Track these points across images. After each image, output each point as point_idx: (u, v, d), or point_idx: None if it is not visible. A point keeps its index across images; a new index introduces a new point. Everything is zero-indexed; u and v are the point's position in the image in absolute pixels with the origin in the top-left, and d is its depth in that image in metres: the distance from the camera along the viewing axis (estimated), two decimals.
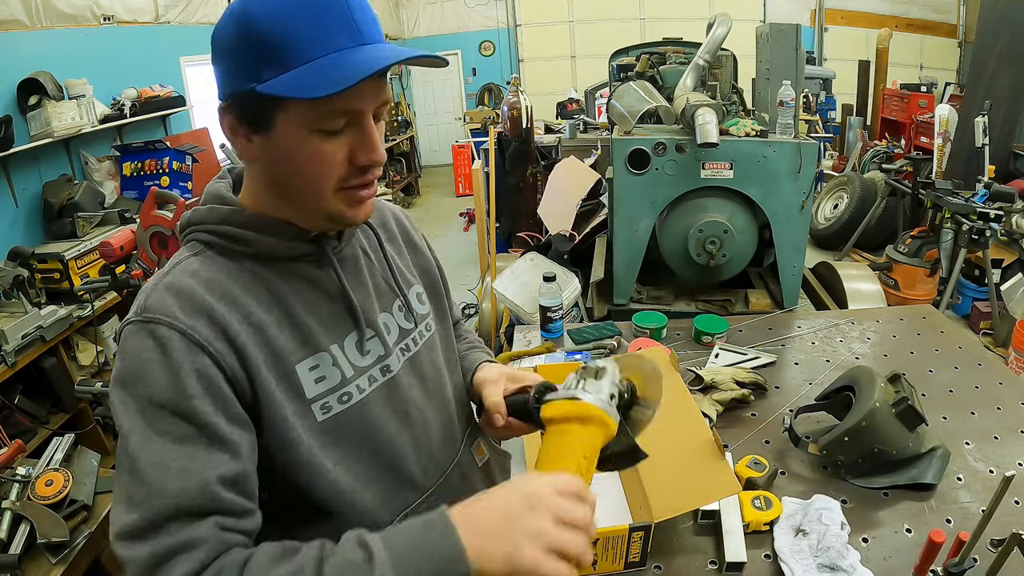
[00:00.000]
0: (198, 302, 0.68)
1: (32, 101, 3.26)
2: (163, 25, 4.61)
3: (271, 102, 0.66)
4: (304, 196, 0.72)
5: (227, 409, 0.66)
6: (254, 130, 0.69)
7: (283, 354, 0.72)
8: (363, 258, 0.85)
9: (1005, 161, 5.03)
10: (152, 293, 0.69)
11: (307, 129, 0.67)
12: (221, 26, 0.67)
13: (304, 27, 0.64)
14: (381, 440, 0.80)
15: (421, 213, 7.88)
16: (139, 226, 2.31)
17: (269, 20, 0.64)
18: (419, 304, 0.92)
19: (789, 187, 2.07)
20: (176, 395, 0.63)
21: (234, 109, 0.69)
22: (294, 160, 0.69)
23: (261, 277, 0.74)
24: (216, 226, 0.74)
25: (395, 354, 0.84)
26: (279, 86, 0.64)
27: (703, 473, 1.05)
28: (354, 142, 0.69)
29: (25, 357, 2.61)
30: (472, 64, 9.92)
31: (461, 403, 0.99)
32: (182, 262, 0.73)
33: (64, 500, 1.62)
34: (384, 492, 0.81)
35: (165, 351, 0.64)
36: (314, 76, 0.63)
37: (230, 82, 0.68)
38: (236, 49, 0.66)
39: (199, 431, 0.63)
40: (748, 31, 2.78)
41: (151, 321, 0.66)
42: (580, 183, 3.11)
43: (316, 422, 0.74)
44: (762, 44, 2.33)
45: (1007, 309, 3.70)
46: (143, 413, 0.63)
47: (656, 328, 1.79)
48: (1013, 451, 1.28)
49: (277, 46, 0.64)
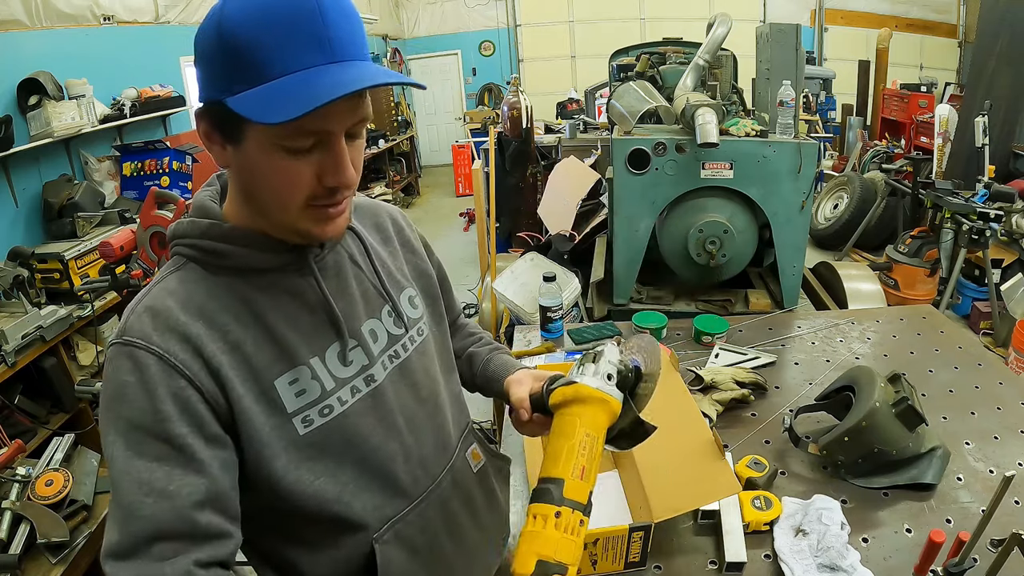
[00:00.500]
0: (174, 323, 0.68)
1: (32, 101, 3.26)
2: (163, 25, 4.61)
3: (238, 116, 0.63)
4: (272, 209, 0.71)
5: (204, 429, 0.67)
6: (226, 140, 0.68)
7: (261, 370, 0.72)
8: (349, 264, 0.84)
9: (1005, 161, 5.02)
10: (131, 316, 0.69)
11: (273, 145, 0.65)
12: (201, 30, 0.65)
13: (274, 41, 0.61)
14: (367, 450, 0.80)
15: (421, 213, 7.88)
16: (139, 226, 2.31)
17: (242, 31, 0.61)
18: (410, 308, 0.91)
19: (789, 187, 2.07)
20: (153, 418, 0.65)
21: (209, 116, 0.68)
22: (262, 174, 0.68)
23: (240, 292, 0.73)
24: (197, 240, 0.74)
25: (380, 363, 0.83)
26: (243, 103, 0.62)
27: (703, 473, 1.05)
28: (323, 163, 0.67)
29: (25, 357, 2.61)
30: (472, 64, 9.93)
31: (457, 407, 0.98)
32: (163, 280, 0.73)
33: (64, 500, 1.62)
34: (373, 500, 0.81)
35: (142, 375, 0.65)
36: (276, 97, 0.61)
37: (206, 88, 0.66)
38: (212, 56, 0.64)
39: (177, 452, 0.65)
40: (748, 31, 2.78)
41: (129, 344, 0.67)
42: (580, 183, 3.11)
43: (298, 435, 0.74)
44: (762, 44, 2.33)
45: (1007, 309, 3.70)
46: (124, 435, 0.65)
47: (656, 328, 1.79)
48: (1013, 451, 1.28)
49: (246, 59, 0.61)
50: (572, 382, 0.77)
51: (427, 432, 0.88)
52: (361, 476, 0.80)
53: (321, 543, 0.80)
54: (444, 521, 0.90)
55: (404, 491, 0.84)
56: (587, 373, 0.77)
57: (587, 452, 0.72)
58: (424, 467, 0.87)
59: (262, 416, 0.71)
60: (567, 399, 0.77)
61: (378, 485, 0.81)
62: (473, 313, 4.60)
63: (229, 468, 0.69)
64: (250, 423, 0.70)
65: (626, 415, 0.78)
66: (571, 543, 0.68)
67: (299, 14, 0.61)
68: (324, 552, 0.80)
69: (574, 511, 0.69)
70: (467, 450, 0.98)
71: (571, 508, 0.69)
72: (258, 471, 0.72)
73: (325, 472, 0.76)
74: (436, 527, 0.88)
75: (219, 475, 0.67)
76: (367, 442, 0.80)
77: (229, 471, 0.69)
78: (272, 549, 0.81)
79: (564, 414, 0.77)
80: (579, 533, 0.69)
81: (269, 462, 0.72)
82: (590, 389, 0.75)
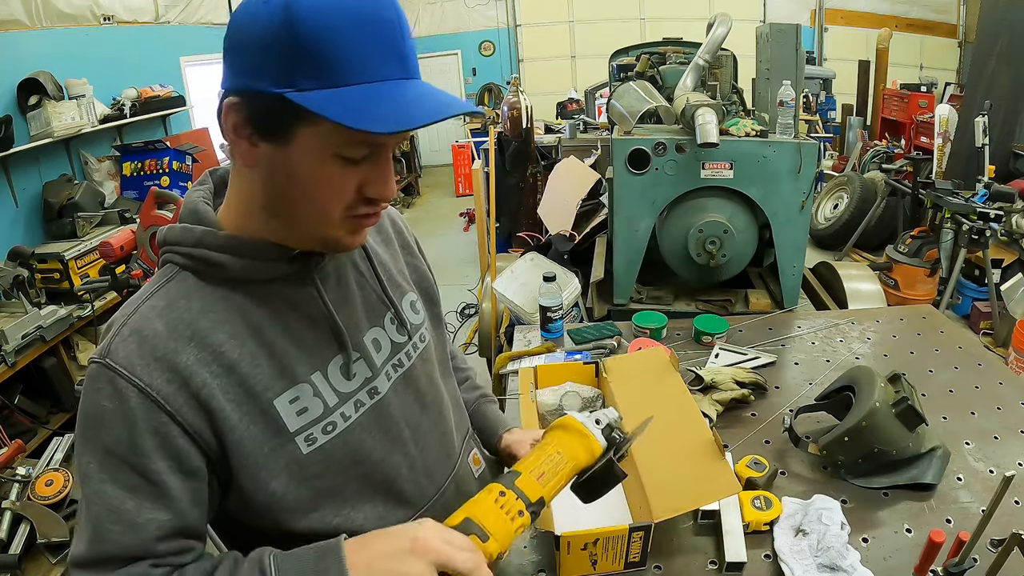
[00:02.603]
0: (161, 352, 0.65)
1: (32, 101, 3.26)
2: (163, 25, 4.62)
3: (296, 114, 0.59)
4: (303, 217, 0.68)
5: (182, 464, 0.66)
6: (264, 136, 0.63)
7: (258, 391, 0.69)
8: (351, 270, 0.81)
9: (1005, 161, 5.02)
10: (116, 337, 0.66)
11: (328, 152, 0.62)
12: (253, 10, 0.59)
13: (355, 44, 0.58)
14: (371, 464, 0.78)
15: (421, 213, 7.88)
16: (139, 226, 2.32)
17: (317, 25, 0.57)
18: (413, 313, 0.89)
19: (789, 187, 2.07)
20: (130, 449, 0.64)
21: (245, 107, 0.62)
22: (304, 180, 0.64)
23: (237, 304, 0.70)
24: (191, 249, 0.70)
25: (383, 374, 0.81)
26: (320, 102, 0.58)
27: (703, 473, 1.05)
28: (369, 174, 0.66)
29: (25, 357, 2.61)
30: (472, 64, 9.92)
31: (458, 412, 0.97)
32: (153, 295, 0.69)
33: (64, 500, 1.62)
34: (376, 512, 0.80)
35: (122, 405, 0.64)
36: (362, 103, 0.58)
37: (247, 76, 0.61)
38: (269, 45, 0.58)
39: (150, 486, 0.65)
40: (748, 31, 2.78)
41: (112, 369, 0.64)
42: (580, 183, 3.11)
43: (301, 455, 0.72)
44: (762, 44, 2.32)
45: (1007, 309, 3.70)
46: (100, 459, 0.65)
47: (656, 328, 1.79)
48: (1013, 451, 1.28)
49: (324, 55, 0.57)
50: (563, 414, 0.83)
51: (431, 440, 0.87)
52: (364, 489, 0.79)
53: None
54: None
55: (408, 501, 0.84)
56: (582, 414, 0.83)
57: (551, 464, 0.77)
58: (429, 476, 0.86)
59: (260, 437, 0.69)
60: (554, 425, 0.82)
61: (381, 497, 0.81)
62: (473, 313, 4.60)
63: (201, 500, 0.69)
64: (244, 449, 0.69)
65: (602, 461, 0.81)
66: (503, 520, 0.70)
67: (383, 22, 0.60)
68: None
69: (518, 498, 0.72)
70: (468, 455, 0.97)
71: (516, 495, 0.72)
72: (255, 491, 0.71)
73: (328, 488, 0.75)
74: None
75: (188, 509, 0.68)
76: (371, 456, 0.78)
77: (200, 503, 0.69)
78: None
79: (546, 435, 0.83)
80: (514, 518, 0.71)
81: (267, 483, 0.71)
82: (576, 421, 0.81)
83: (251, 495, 0.71)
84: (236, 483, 0.70)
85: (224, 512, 0.74)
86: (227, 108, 0.63)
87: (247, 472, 0.70)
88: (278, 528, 0.74)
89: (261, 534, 0.74)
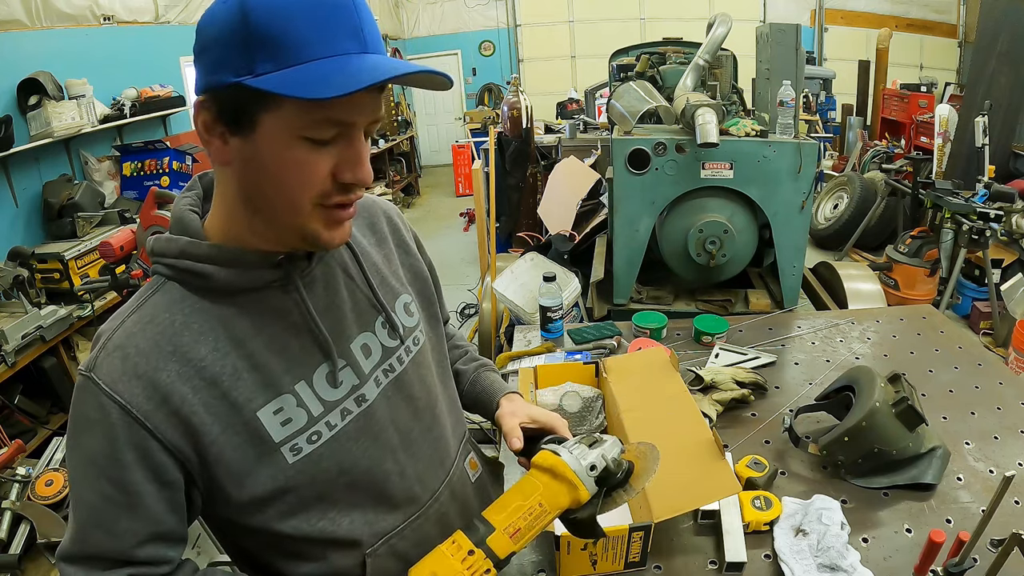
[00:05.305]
0: (143, 369, 0.66)
1: (32, 101, 3.26)
2: (163, 25, 4.61)
3: (257, 100, 0.60)
4: (278, 210, 0.67)
5: (160, 476, 0.68)
6: (232, 130, 0.63)
7: (241, 403, 0.69)
8: (340, 274, 0.79)
9: (1005, 161, 5.02)
10: (102, 351, 0.67)
11: (293, 135, 0.62)
12: (211, 13, 0.61)
13: (310, 24, 0.59)
14: (359, 472, 0.78)
15: (421, 213, 7.88)
16: (139, 226, 2.31)
17: (272, 11, 0.58)
18: (406, 316, 0.87)
19: (789, 187, 2.07)
20: (110, 461, 0.66)
21: (213, 104, 0.62)
22: (273, 167, 0.64)
23: (220, 316, 0.70)
24: (175, 260, 0.70)
25: (372, 380, 0.80)
26: (274, 82, 0.58)
27: (703, 473, 1.05)
28: (341, 156, 0.64)
29: (25, 357, 2.61)
30: (472, 64, 9.92)
31: (455, 416, 0.96)
32: (138, 309, 0.70)
33: (64, 500, 1.62)
34: (365, 517, 0.80)
35: (105, 420, 0.65)
36: (316, 77, 0.58)
37: (213, 74, 0.61)
38: (228, 38, 0.59)
39: (127, 497, 0.67)
40: (748, 31, 2.78)
41: (96, 384, 0.65)
42: (580, 183, 3.11)
43: (287, 464, 0.72)
44: (762, 44, 2.33)
45: (1007, 309, 3.70)
46: (83, 464, 0.67)
47: (656, 328, 1.79)
48: (1013, 451, 1.28)
49: (277, 40, 0.58)
50: (557, 453, 0.79)
51: (424, 447, 0.87)
52: (353, 496, 0.79)
53: (310, 556, 0.79)
54: (441, 533, 0.87)
55: (399, 508, 0.83)
56: (574, 453, 0.78)
57: (530, 518, 0.74)
58: (421, 483, 0.86)
59: (245, 448, 0.70)
60: (544, 466, 0.78)
61: (371, 503, 0.80)
62: (473, 313, 4.60)
63: (179, 507, 0.71)
64: (227, 460, 0.69)
65: (588, 508, 0.78)
66: None
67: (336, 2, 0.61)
68: (314, 564, 0.79)
69: (486, 558, 0.71)
70: (465, 460, 0.96)
71: (484, 554, 0.71)
72: (241, 498, 0.71)
73: (314, 495, 0.75)
74: (433, 540, 0.86)
75: (165, 517, 0.69)
76: (358, 464, 0.78)
77: (178, 510, 0.71)
78: (258, 558, 0.80)
79: (534, 475, 0.78)
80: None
81: (252, 490, 0.71)
82: (567, 469, 0.77)
83: (237, 501, 0.72)
84: (222, 490, 0.71)
85: (215, 512, 0.75)
86: (197, 108, 0.64)
87: (232, 480, 0.70)
88: (267, 528, 0.75)
89: (252, 532, 0.75)
